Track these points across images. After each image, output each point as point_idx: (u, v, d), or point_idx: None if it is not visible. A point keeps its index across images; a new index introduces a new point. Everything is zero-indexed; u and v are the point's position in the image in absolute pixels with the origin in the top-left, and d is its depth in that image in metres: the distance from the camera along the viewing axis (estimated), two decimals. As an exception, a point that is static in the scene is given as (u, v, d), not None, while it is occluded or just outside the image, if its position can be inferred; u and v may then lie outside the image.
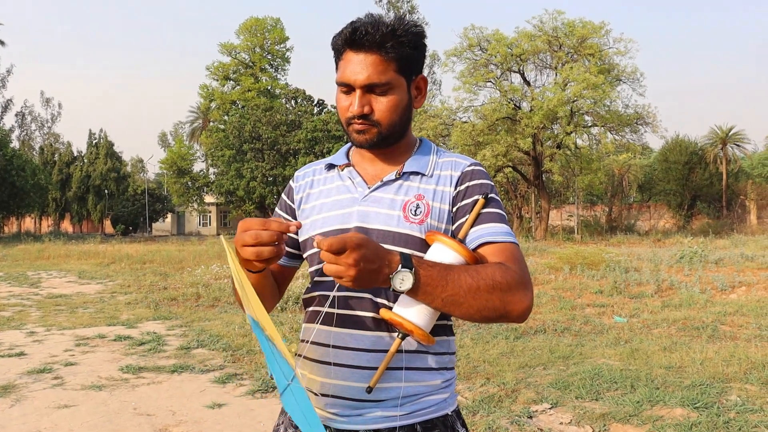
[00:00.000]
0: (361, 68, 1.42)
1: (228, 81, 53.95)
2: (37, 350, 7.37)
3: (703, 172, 44.92)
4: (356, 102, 1.43)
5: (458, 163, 1.53)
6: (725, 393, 5.20)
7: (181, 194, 53.25)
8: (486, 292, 1.30)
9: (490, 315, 1.32)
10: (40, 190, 50.60)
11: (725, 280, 11.51)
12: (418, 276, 1.26)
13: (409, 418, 1.41)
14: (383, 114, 1.44)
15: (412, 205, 1.46)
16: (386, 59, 1.42)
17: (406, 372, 1.42)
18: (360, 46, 1.42)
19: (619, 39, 32.79)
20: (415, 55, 1.47)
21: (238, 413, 5.02)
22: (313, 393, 1.46)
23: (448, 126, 33.96)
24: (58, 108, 72.41)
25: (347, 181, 1.55)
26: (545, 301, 10.38)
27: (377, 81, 1.41)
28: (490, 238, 1.41)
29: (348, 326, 1.43)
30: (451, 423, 1.47)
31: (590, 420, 4.62)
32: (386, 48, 1.41)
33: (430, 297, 1.29)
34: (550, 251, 19.56)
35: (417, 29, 1.46)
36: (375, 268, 1.23)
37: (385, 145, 1.50)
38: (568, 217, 45.32)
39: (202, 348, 7.39)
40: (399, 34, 1.42)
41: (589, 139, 34.19)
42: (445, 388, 1.48)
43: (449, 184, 1.49)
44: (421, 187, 1.48)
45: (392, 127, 1.47)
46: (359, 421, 1.41)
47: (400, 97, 1.46)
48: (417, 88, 1.52)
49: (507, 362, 6.36)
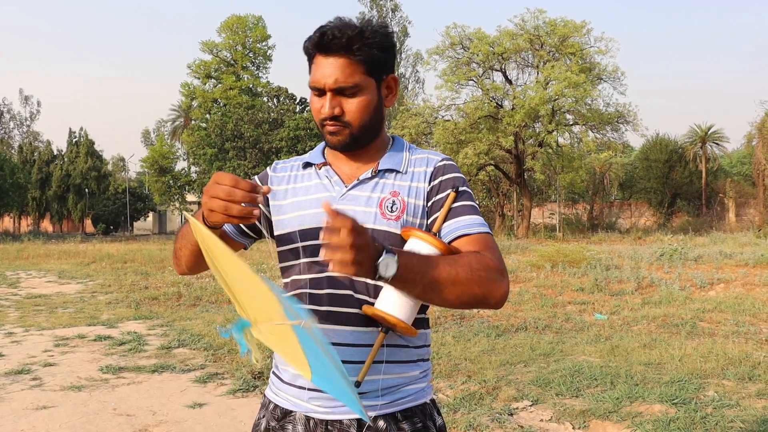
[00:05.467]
0: (330, 71, 1.45)
1: (210, 79, 53.62)
2: (16, 351, 7.30)
3: (683, 171, 45.32)
4: (327, 104, 1.47)
5: (431, 159, 1.57)
6: (703, 389, 5.26)
7: (162, 193, 52.89)
8: (464, 279, 1.34)
9: (469, 301, 1.37)
10: (19, 189, 50.06)
11: (704, 278, 11.63)
12: (400, 263, 1.27)
13: (390, 407, 1.48)
14: (353, 115, 1.48)
15: (388, 202, 1.50)
16: (354, 62, 1.45)
17: (387, 365, 1.47)
18: (328, 50, 1.45)
19: (600, 38, 33.07)
20: (383, 57, 1.50)
21: (219, 413, 5.00)
22: (299, 387, 1.51)
23: (430, 124, 34.01)
24: (37, 106, 71.75)
25: (324, 180, 1.57)
26: (527, 299, 10.43)
27: (345, 83, 1.45)
28: (465, 230, 1.46)
29: (332, 322, 1.46)
30: (429, 411, 1.53)
31: (570, 417, 4.65)
32: (354, 51, 1.44)
33: (411, 284, 1.31)
34: (531, 249, 19.65)
35: (384, 31, 1.50)
36: (366, 255, 1.23)
37: (358, 146, 1.54)
38: (549, 215, 45.56)
39: (183, 347, 7.36)
40: (366, 37, 1.45)
41: (571, 138, 34.40)
42: (422, 378, 1.54)
43: (423, 179, 1.53)
44: (396, 184, 1.52)
45: (363, 127, 1.50)
46: (342, 411, 1.47)
47: (369, 97, 1.49)
48: (387, 88, 1.56)
49: (488, 360, 6.39)
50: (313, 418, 1.49)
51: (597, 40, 32.96)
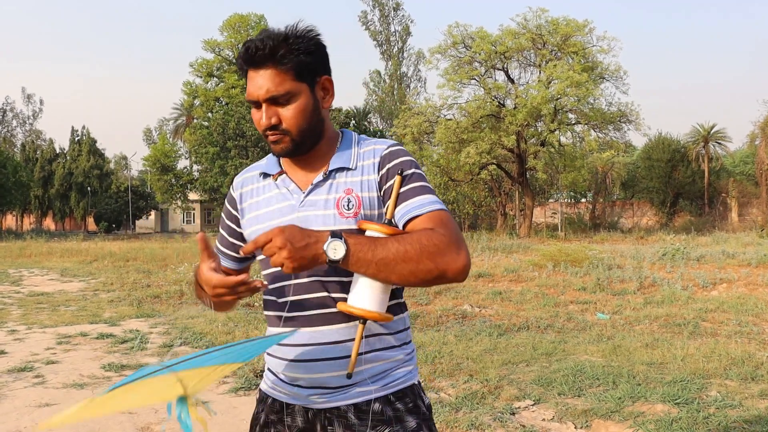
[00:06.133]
0: (260, 83, 1.50)
1: (212, 78, 53.66)
2: (18, 348, 7.31)
3: (686, 170, 45.28)
4: (263, 115, 1.52)
5: (377, 150, 1.61)
6: (705, 389, 5.25)
7: (164, 191, 52.97)
8: (414, 255, 1.40)
9: (427, 277, 1.42)
10: (22, 187, 50.16)
11: (707, 277, 11.61)
12: (348, 244, 1.37)
13: (383, 390, 1.56)
14: (290, 122, 1.52)
15: (344, 201, 1.55)
16: (282, 70, 1.49)
17: (373, 353, 1.55)
18: (254, 62, 1.51)
19: (602, 37, 33.07)
20: (311, 61, 1.53)
21: (221, 410, 5.01)
22: (298, 386, 1.57)
23: (432, 123, 33.98)
24: (40, 105, 71.70)
25: (283, 189, 1.63)
26: (529, 298, 10.43)
27: (277, 92, 1.50)
28: (416, 212, 1.50)
29: (316, 324, 1.54)
30: (417, 391, 1.62)
31: (572, 416, 4.65)
32: (279, 59, 1.49)
33: (364, 263, 1.39)
34: (533, 248, 19.64)
35: (310, 34, 1.54)
36: (304, 244, 1.35)
37: (303, 151, 1.59)
38: (551, 214, 45.53)
39: (185, 345, 7.36)
40: (290, 43, 1.50)
41: (573, 137, 34.35)
42: (408, 361, 1.62)
43: (373, 171, 1.58)
44: (348, 182, 1.58)
45: (302, 132, 1.54)
46: (340, 398, 1.55)
47: (304, 102, 1.53)
48: (323, 89, 1.59)
49: (490, 359, 6.38)
50: (312, 408, 1.57)
51: (599, 39, 32.89)
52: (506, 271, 13.42)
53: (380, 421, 1.54)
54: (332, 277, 1.52)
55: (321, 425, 1.56)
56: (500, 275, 13.08)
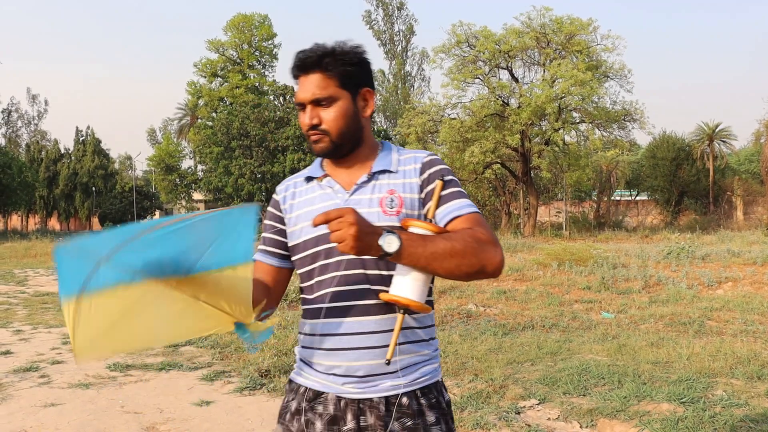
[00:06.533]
0: (307, 87, 1.68)
1: (216, 78, 53.66)
2: (24, 348, 7.33)
3: (690, 169, 45.13)
4: (307, 115, 1.68)
5: (417, 157, 1.77)
6: (711, 388, 5.24)
7: (169, 191, 52.97)
8: (460, 250, 1.53)
9: (470, 270, 1.55)
10: (27, 187, 50.25)
11: (712, 276, 11.58)
12: (402, 239, 1.47)
13: (411, 385, 1.68)
14: (330, 123, 1.68)
15: (387, 200, 1.70)
16: (328, 76, 1.67)
17: (406, 345, 1.67)
18: (304, 68, 1.69)
19: (606, 36, 32.86)
20: (355, 71, 1.70)
21: (226, 411, 5.01)
22: (333, 375, 1.68)
23: (436, 122, 33.94)
24: (45, 105, 71.95)
25: (327, 190, 1.76)
26: (533, 297, 10.41)
27: (321, 95, 1.66)
28: (456, 212, 1.66)
29: (355, 315, 1.66)
30: (440, 388, 1.75)
31: (578, 415, 4.64)
32: (326, 66, 1.66)
33: (415, 257, 1.50)
34: (538, 247, 19.61)
35: (356, 50, 1.71)
36: (370, 231, 1.44)
37: (341, 153, 1.74)
38: (556, 213, 45.45)
39: (189, 345, 7.37)
40: (337, 54, 1.67)
41: (577, 136, 34.25)
42: (433, 358, 1.75)
43: (414, 175, 1.73)
44: (391, 183, 1.72)
45: (341, 135, 1.69)
46: (373, 390, 1.66)
47: (344, 108, 1.69)
48: (363, 100, 1.74)
49: (495, 358, 6.38)
50: (344, 398, 1.67)
51: (603, 38, 32.76)
52: (511, 270, 13.41)
53: (405, 414, 1.66)
54: (375, 270, 1.64)
55: (353, 414, 1.66)
56: (505, 274, 13.06)
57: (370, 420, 1.65)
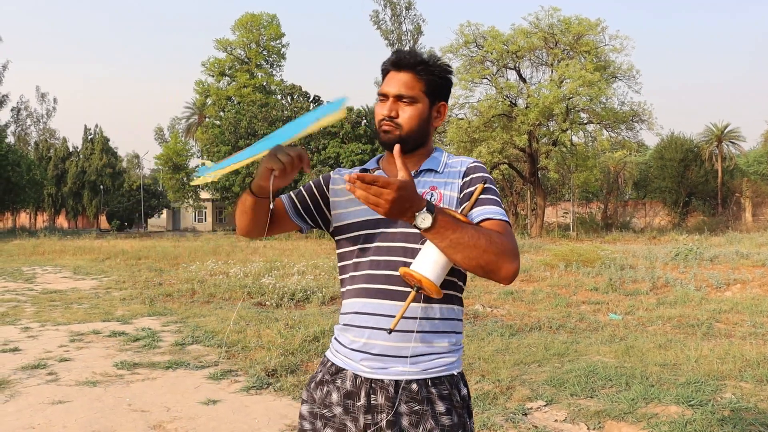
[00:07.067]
0: (396, 82, 1.84)
1: (224, 77, 53.77)
2: (32, 346, 7.35)
3: (699, 170, 44.97)
4: (387, 106, 1.84)
5: (464, 162, 1.92)
6: (720, 390, 5.21)
7: (176, 190, 53.11)
8: (484, 245, 1.63)
9: (485, 266, 1.64)
10: (36, 185, 50.50)
11: (720, 278, 11.53)
12: (436, 219, 1.59)
13: (422, 374, 1.79)
14: (405, 119, 1.84)
15: (428, 195, 1.84)
16: (417, 79, 1.84)
17: (420, 335, 1.79)
18: (399, 66, 1.85)
19: (614, 36, 32.79)
20: (440, 83, 1.88)
21: (233, 409, 5.01)
22: (352, 350, 1.85)
23: (444, 122, 33.91)
24: (54, 103, 72.29)
25: None
26: (540, 298, 10.39)
27: (405, 93, 1.83)
28: (489, 215, 1.76)
29: (383, 298, 1.81)
30: (456, 382, 1.84)
31: (585, 417, 4.62)
32: (418, 70, 1.83)
33: (441, 237, 1.61)
34: (545, 248, 19.57)
35: (447, 68, 1.89)
36: (406, 207, 1.57)
37: (405, 149, 1.81)
38: (563, 214, 45.37)
39: (196, 344, 7.38)
40: (430, 63, 1.85)
41: (585, 136, 34.18)
42: (452, 352, 1.84)
43: (458, 177, 1.87)
44: (434, 181, 1.87)
45: (411, 132, 1.85)
46: (385, 373, 1.80)
47: (421, 110, 1.85)
48: (438, 111, 1.91)
49: (502, 359, 6.36)
50: (360, 376, 1.82)
51: (612, 38, 32.69)
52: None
53: (413, 399, 1.78)
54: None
55: (365, 392, 1.81)
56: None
57: (380, 400, 1.79)
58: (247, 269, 14.62)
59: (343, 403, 1.84)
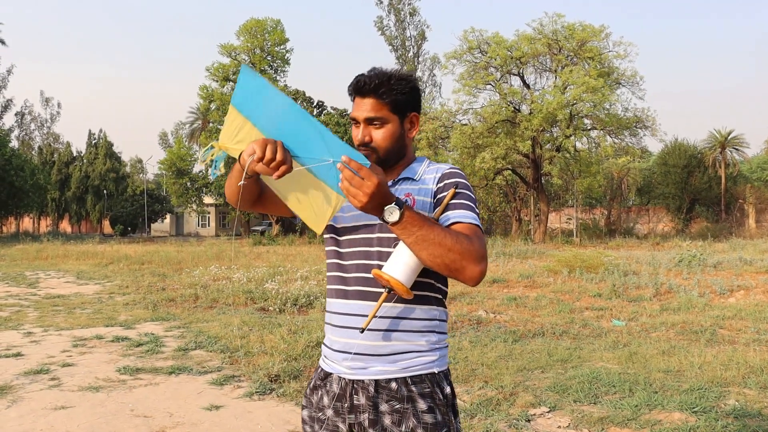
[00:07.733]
0: (363, 108, 1.91)
1: (228, 82, 53.78)
2: (35, 351, 7.35)
3: (702, 176, 44.93)
4: (360, 131, 1.91)
5: (440, 168, 1.98)
6: (723, 397, 5.19)
7: (180, 195, 53.21)
8: (449, 244, 1.68)
9: (450, 265, 1.70)
10: (39, 190, 50.58)
11: (724, 284, 11.50)
12: (404, 214, 1.66)
13: (402, 372, 1.85)
14: (378, 142, 1.91)
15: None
16: (381, 102, 1.89)
17: (395, 333, 1.85)
18: (361, 92, 1.91)
19: (618, 42, 32.84)
20: (405, 99, 1.93)
21: (236, 415, 5.01)
22: (335, 351, 1.93)
23: (447, 128, 33.96)
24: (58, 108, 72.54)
25: None
26: (544, 304, 10.37)
27: (374, 116, 1.89)
28: (459, 219, 1.81)
29: (358, 299, 1.89)
30: (438, 380, 1.88)
31: (588, 424, 4.61)
32: (380, 94, 1.89)
33: (407, 232, 1.68)
34: (548, 254, 19.55)
35: (408, 78, 1.95)
36: (381, 202, 1.64)
37: (386, 167, 1.94)
38: (567, 220, 45.32)
39: (199, 349, 7.38)
40: (392, 84, 1.89)
41: (589, 143, 34.19)
42: (432, 351, 1.89)
43: (432, 183, 1.93)
44: (409, 188, 1.95)
45: (387, 152, 1.93)
46: (364, 374, 1.86)
47: (393, 129, 1.92)
48: (410, 122, 1.98)
49: (505, 365, 6.35)
50: (344, 378, 1.90)
51: (615, 45, 32.75)
52: (521, 276, 13.37)
53: (393, 398, 1.84)
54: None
55: (350, 393, 1.88)
56: (515, 281, 13.02)
57: (362, 400, 1.86)
58: (251, 274, 14.63)
59: (333, 406, 1.92)
